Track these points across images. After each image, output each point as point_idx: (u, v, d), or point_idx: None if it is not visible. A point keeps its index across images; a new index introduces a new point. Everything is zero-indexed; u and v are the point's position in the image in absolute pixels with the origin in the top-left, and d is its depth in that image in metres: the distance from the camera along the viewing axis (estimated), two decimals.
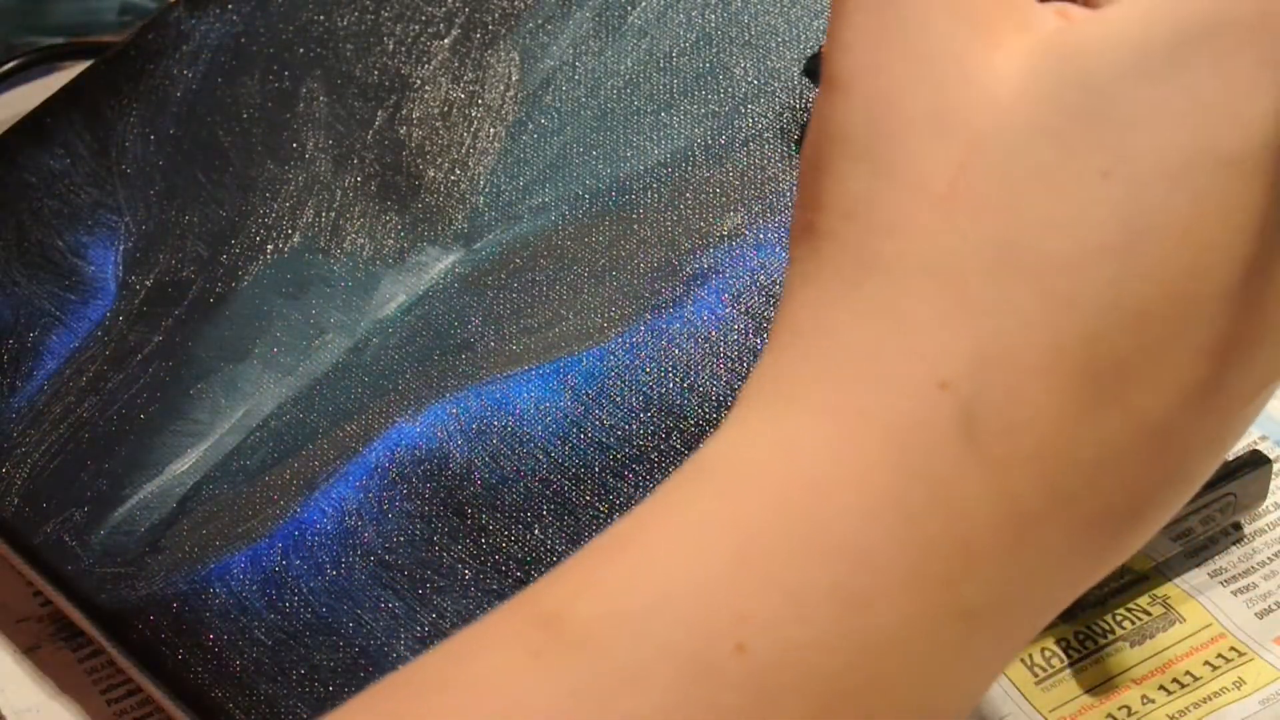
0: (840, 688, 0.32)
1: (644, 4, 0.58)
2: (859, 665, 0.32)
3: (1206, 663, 0.55)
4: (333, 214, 0.57)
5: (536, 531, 0.51)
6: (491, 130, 0.58)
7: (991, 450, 0.33)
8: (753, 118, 0.56)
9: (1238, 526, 0.58)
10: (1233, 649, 0.55)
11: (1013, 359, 0.33)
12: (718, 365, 0.53)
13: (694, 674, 0.32)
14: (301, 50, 0.60)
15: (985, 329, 0.33)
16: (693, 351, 0.53)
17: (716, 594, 0.32)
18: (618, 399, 0.53)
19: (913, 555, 0.33)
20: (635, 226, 0.55)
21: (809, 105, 0.56)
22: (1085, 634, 0.56)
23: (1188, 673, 0.55)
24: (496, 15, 0.59)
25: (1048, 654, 0.55)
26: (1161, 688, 0.55)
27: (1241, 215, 0.33)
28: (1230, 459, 0.57)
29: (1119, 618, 0.56)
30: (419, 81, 0.59)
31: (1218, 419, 0.35)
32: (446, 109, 0.58)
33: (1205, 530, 0.57)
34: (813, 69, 0.57)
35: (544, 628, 0.33)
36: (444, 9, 0.60)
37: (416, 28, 0.59)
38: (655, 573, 0.33)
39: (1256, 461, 0.57)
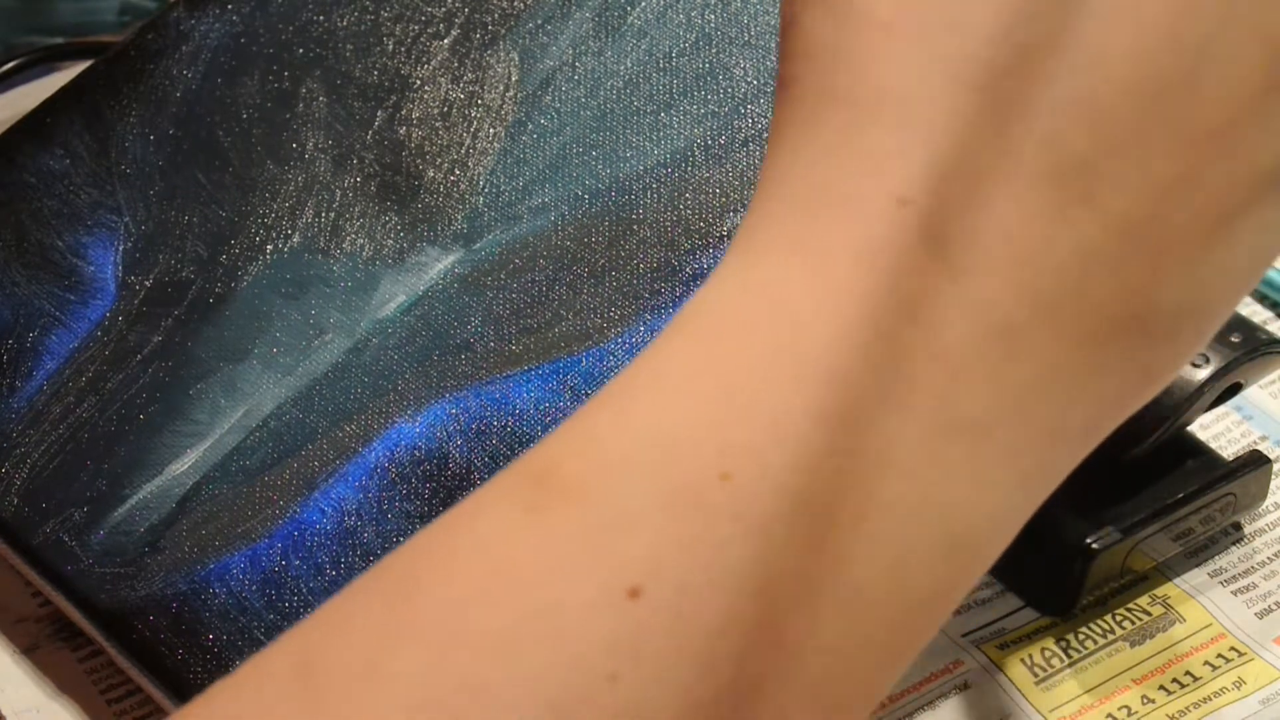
0: (832, 509, 0.32)
1: (644, 4, 0.58)
2: (849, 486, 0.32)
3: (1206, 663, 0.55)
4: (333, 214, 0.57)
5: None
6: (491, 130, 0.58)
7: (959, 260, 0.33)
8: (753, 118, 0.56)
9: (1238, 526, 0.58)
10: (1233, 649, 0.55)
11: (967, 168, 0.33)
12: None
13: (683, 509, 0.32)
14: (301, 50, 0.60)
15: (937, 142, 0.33)
16: None
17: (699, 430, 0.33)
18: None
19: (889, 370, 0.33)
20: (635, 226, 0.55)
21: None
22: (1085, 634, 0.56)
23: (1188, 673, 0.55)
24: (496, 15, 0.59)
25: (1048, 654, 0.55)
26: (1161, 688, 0.54)
27: None
28: (1230, 459, 0.57)
29: (1119, 618, 0.56)
30: (419, 81, 0.59)
31: (1210, 216, 0.33)
32: (446, 109, 0.58)
33: (1205, 530, 0.57)
34: None
35: (536, 485, 0.33)
36: (444, 9, 0.60)
37: (416, 28, 0.59)
38: (640, 419, 0.33)
39: (1256, 461, 0.57)
